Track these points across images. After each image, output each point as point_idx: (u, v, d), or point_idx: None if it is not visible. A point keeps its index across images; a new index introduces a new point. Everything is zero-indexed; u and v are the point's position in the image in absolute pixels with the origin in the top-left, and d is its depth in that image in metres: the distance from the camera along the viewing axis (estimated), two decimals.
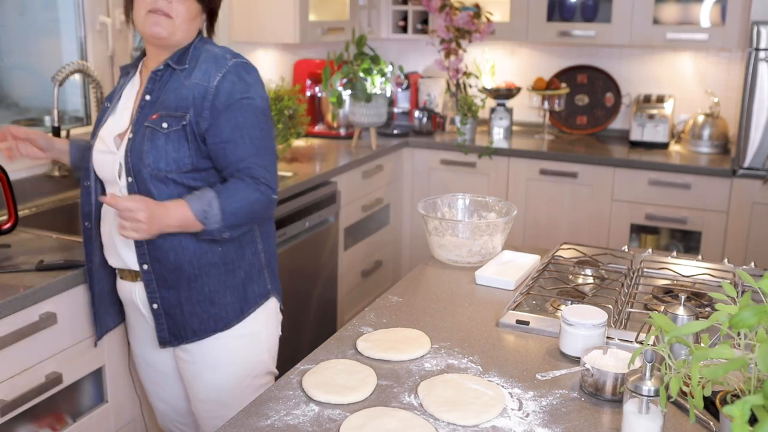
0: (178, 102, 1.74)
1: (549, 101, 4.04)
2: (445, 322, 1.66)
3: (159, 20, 1.71)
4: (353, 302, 3.54)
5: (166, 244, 1.75)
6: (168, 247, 1.76)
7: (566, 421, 1.26)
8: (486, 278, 1.89)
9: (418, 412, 1.28)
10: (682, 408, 1.30)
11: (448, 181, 3.94)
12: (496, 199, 2.18)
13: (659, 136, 3.79)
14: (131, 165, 1.74)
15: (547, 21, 3.94)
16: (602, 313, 1.50)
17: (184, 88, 1.75)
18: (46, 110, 2.70)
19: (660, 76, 4.04)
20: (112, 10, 2.76)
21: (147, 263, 1.78)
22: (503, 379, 1.41)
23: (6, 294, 1.75)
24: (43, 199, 2.54)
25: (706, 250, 3.48)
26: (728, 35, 3.60)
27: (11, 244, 2.07)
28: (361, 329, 1.62)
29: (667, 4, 3.77)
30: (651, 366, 1.15)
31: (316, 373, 1.39)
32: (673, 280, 1.90)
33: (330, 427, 1.24)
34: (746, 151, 3.36)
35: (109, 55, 2.77)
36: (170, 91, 1.76)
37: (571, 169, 3.68)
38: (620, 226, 3.64)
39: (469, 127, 3.95)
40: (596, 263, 1.98)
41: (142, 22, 1.73)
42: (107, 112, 1.85)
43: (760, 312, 1.03)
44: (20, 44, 2.66)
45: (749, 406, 0.86)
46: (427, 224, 2.07)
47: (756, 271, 1.94)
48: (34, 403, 1.85)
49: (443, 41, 3.96)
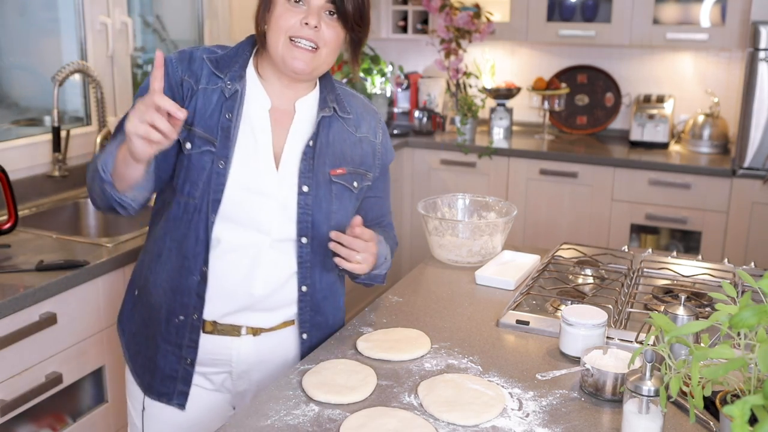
0: (362, 158, 1.59)
1: (549, 101, 4.04)
2: (445, 322, 1.66)
3: (303, 53, 1.45)
4: (353, 302, 3.54)
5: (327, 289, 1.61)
6: (328, 293, 1.61)
7: (566, 421, 1.26)
8: (486, 278, 1.89)
9: (418, 412, 1.28)
10: (682, 408, 1.30)
11: (448, 181, 3.94)
12: (496, 199, 2.18)
13: (659, 136, 3.79)
14: (312, 224, 1.51)
15: (547, 21, 3.94)
16: (602, 313, 1.50)
17: (360, 142, 1.60)
18: (46, 110, 2.70)
19: (660, 76, 4.04)
20: (112, 10, 2.76)
21: (307, 314, 1.59)
22: (503, 379, 1.41)
23: (6, 294, 1.75)
24: (43, 199, 2.54)
25: (706, 250, 3.48)
26: (728, 35, 3.60)
27: (11, 244, 2.07)
28: (361, 329, 1.62)
29: (667, 4, 3.77)
30: (651, 366, 1.15)
31: (316, 373, 1.39)
32: (673, 280, 1.90)
33: (330, 427, 1.24)
34: (746, 151, 3.36)
35: (109, 55, 2.77)
36: (340, 142, 1.56)
37: (571, 169, 3.68)
38: (620, 226, 3.64)
39: (469, 127, 3.95)
40: (596, 263, 1.98)
41: (282, 51, 1.45)
42: (234, 129, 1.47)
43: (760, 312, 1.03)
44: (20, 44, 2.66)
45: (749, 406, 0.86)
46: (427, 224, 2.07)
47: (756, 271, 1.94)
48: (34, 403, 1.85)
49: (443, 41, 3.96)
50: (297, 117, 1.54)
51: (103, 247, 2.10)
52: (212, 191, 1.45)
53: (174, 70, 1.48)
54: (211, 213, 1.45)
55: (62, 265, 1.92)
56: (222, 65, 1.50)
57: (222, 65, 1.50)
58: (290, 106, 1.54)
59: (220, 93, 1.48)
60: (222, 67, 1.50)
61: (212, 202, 1.45)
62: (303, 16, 1.43)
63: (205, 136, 1.46)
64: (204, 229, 1.46)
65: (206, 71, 1.49)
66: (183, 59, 1.49)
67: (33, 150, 2.53)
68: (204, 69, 1.49)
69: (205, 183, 1.45)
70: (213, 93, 1.48)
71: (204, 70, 1.49)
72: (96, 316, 2.03)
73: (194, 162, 1.45)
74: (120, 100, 2.85)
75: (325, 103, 1.56)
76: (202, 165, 1.45)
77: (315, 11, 1.44)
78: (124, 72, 2.86)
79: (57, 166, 2.54)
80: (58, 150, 2.52)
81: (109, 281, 2.05)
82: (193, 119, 1.47)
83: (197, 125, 1.47)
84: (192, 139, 1.46)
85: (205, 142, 1.46)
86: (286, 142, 1.52)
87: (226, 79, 1.48)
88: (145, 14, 3.17)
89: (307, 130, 1.54)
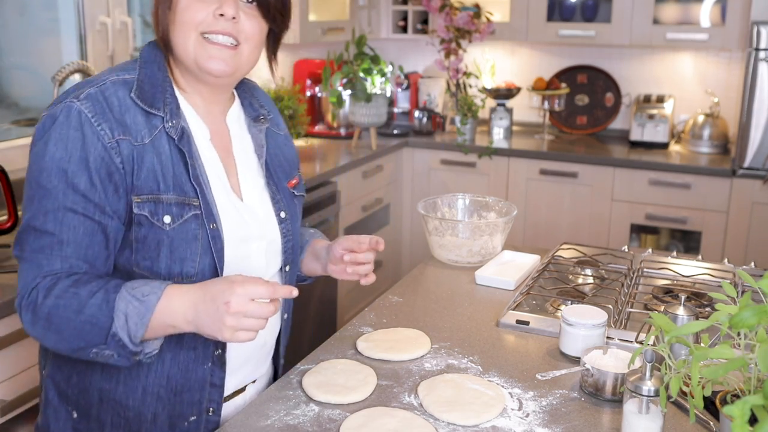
0: (294, 157, 1.46)
1: (549, 101, 4.04)
2: (445, 322, 1.66)
3: (221, 50, 1.21)
4: (353, 302, 3.54)
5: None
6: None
7: (566, 421, 1.26)
8: (486, 278, 1.89)
9: (418, 412, 1.28)
10: (682, 408, 1.30)
11: (448, 181, 3.94)
12: (496, 199, 2.18)
13: (659, 136, 3.79)
14: (293, 248, 1.41)
15: (547, 21, 3.94)
16: (602, 313, 1.50)
17: (286, 139, 1.45)
18: None
19: (660, 76, 4.04)
20: (112, 10, 2.76)
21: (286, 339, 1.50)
22: (503, 379, 1.41)
23: (6, 294, 1.75)
24: None
25: (706, 250, 3.48)
26: (728, 35, 3.60)
27: (11, 244, 2.07)
28: (361, 329, 1.62)
29: (667, 4, 3.77)
30: (651, 366, 1.15)
31: (316, 373, 1.39)
32: (673, 280, 1.90)
33: (330, 427, 1.24)
34: (746, 151, 3.36)
35: (109, 55, 2.77)
36: (280, 148, 1.43)
37: (571, 169, 3.68)
38: (620, 226, 3.64)
39: (469, 127, 3.95)
40: (596, 263, 1.98)
41: (193, 52, 1.20)
42: (203, 177, 1.24)
43: (760, 312, 1.03)
44: (20, 44, 2.66)
45: (749, 406, 0.86)
46: (427, 224, 2.07)
47: (756, 271, 1.94)
48: (34, 403, 1.85)
49: (443, 41, 3.96)
50: (233, 136, 1.33)
51: None
52: (215, 260, 1.22)
53: (96, 140, 1.13)
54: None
55: None
56: (149, 97, 1.20)
57: (149, 97, 1.20)
58: (221, 126, 1.32)
59: (165, 136, 1.20)
60: (150, 99, 1.20)
61: (217, 272, 1.22)
62: (216, 6, 1.18)
63: (184, 200, 1.19)
64: None
65: (140, 116, 1.18)
66: (100, 112, 1.15)
67: None
68: (136, 115, 1.18)
69: (201, 255, 1.20)
70: (160, 140, 1.19)
71: (137, 116, 1.18)
72: None
73: (179, 235, 1.19)
74: None
75: (253, 110, 1.38)
76: (192, 235, 1.19)
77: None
78: None
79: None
80: None
81: None
82: (158, 186, 1.18)
83: (166, 192, 1.18)
84: (168, 210, 1.18)
85: (184, 207, 1.19)
86: (237, 169, 1.31)
87: (166, 116, 1.20)
88: (145, 14, 3.17)
89: (247, 148, 1.35)
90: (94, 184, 1.14)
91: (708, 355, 1.06)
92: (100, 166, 1.14)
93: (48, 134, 1.14)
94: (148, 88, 1.21)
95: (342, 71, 3.47)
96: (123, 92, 1.19)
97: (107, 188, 1.15)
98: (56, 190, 1.14)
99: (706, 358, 1.06)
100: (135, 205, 1.16)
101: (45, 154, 1.14)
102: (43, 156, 1.14)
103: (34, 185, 1.15)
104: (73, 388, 1.27)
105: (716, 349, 1.06)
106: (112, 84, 1.19)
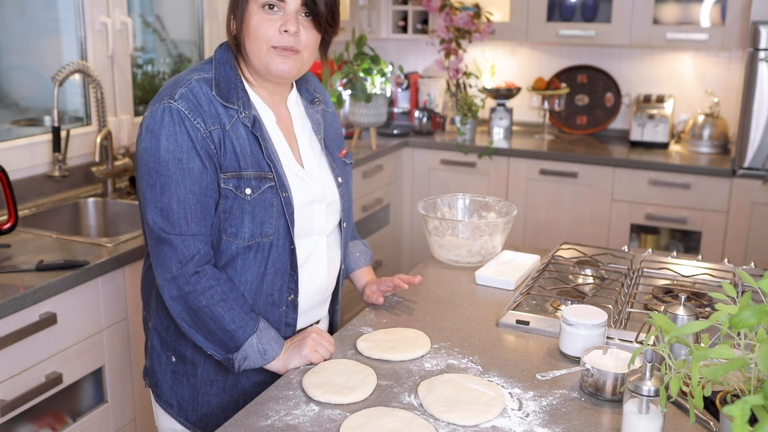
0: (340, 130, 1.73)
1: (549, 101, 4.04)
2: (445, 322, 1.66)
3: (286, 59, 1.45)
4: (353, 302, 3.54)
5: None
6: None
7: (566, 421, 1.26)
8: (486, 278, 1.89)
9: (418, 412, 1.28)
10: (682, 408, 1.30)
11: (448, 181, 3.94)
12: (496, 199, 2.18)
13: (659, 136, 3.79)
14: (348, 208, 1.66)
15: (547, 21, 3.94)
16: (602, 313, 1.50)
17: (333, 116, 1.71)
18: (46, 110, 2.70)
19: (660, 76, 4.04)
20: (112, 10, 2.76)
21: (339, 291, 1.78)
22: (503, 379, 1.41)
23: (6, 294, 1.75)
24: (43, 199, 2.54)
25: (706, 250, 3.48)
26: (728, 35, 3.60)
27: (11, 244, 2.07)
28: (361, 329, 1.62)
29: (667, 4, 3.77)
30: (651, 366, 1.15)
31: (316, 373, 1.40)
32: (673, 280, 1.90)
33: (330, 427, 1.24)
34: (746, 151, 3.36)
35: (109, 55, 2.77)
36: (330, 123, 1.69)
37: (571, 169, 3.68)
38: (620, 226, 3.64)
39: (469, 127, 3.95)
40: (596, 263, 1.98)
41: (265, 59, 1.45)
42: (275, 155, 1.49)
43: (760, 312, 1.03)
44: (20, 44, 2.66)
45: (749, 406, 0.86)
46: (427, 224, 2.07)
47: (756, 271, 1.94)
48: (34, 403, 1.85)
49: (443, 41, 3.96)
50: (294, 117, 1.59)
51: (103, 247, 2.10)
52: (287, 221, 1.47)
53: (196, 131, 1.40)
54: (292, 243, 1.49)
55: (62, 265, 1.92)
56: (225, 93, 1.45)
57: (225, 93, 1.45)
58: (284, 110, 1.57)
59: (241, 124, 1.45)
60: (226, 95, 1.45)
61: (289, 231, 1.48)
62: (281, 23, 1.43)
63: (261, 174, 1.45)
64: (286, 259, 1.50)
65: (220, 108, 1.44)
66: (194, 108, 1.41)
67: (33, 150, 2.53)
68: (217, 107, 1.44)
69: (277, 218, 1.46)
70: (237, 127, 1.45)
71: (218, 108, 1.44)
72: (96, 316, 2.03)
73: (259, 203, 1.44)
74: (120, 100, 2.85)
75: (309, 94, 1.63)
76: (269, 202, 1.45)
77: (292, 16, 1.43)
78: (124, 72, 2.86)
79: (57, 166, 2.54)
80: (58, 150, 2.52)
81: (109, 281, 2.05)
82: (239, 164, 1.43)
83: (246, 169, 1.44)
84: (248, 183, 1.43)
85: (261, 180, 1.44)
86: (298, 144, 1.57)
87: (240, 109, 1.45)
88: (145, 14, 3.17)
89: (305, 126, 1.60)
90: (205, 167, 1.40)
91: (708, 355, 1.06)
92: (204, 152, 1.40)
93: (158, 132, 1.38)
94: (223, 86, 1.46)
95: (342, 71, 3.47)
96: (206, 88, 1.44)
97: (211, 170, 1.41)
98: (175, 177, 1.38)
99: (706, 358, 1.06)
100: (222, 180, 1.42)
101: (159, 148, 1.39)
102: (158, 150, 1.39)
103: (154, 175, 1.39)
104: (171, 336, 1.55)
105: (716, 349, 1.07)
106: (197, 82, 1.44)
